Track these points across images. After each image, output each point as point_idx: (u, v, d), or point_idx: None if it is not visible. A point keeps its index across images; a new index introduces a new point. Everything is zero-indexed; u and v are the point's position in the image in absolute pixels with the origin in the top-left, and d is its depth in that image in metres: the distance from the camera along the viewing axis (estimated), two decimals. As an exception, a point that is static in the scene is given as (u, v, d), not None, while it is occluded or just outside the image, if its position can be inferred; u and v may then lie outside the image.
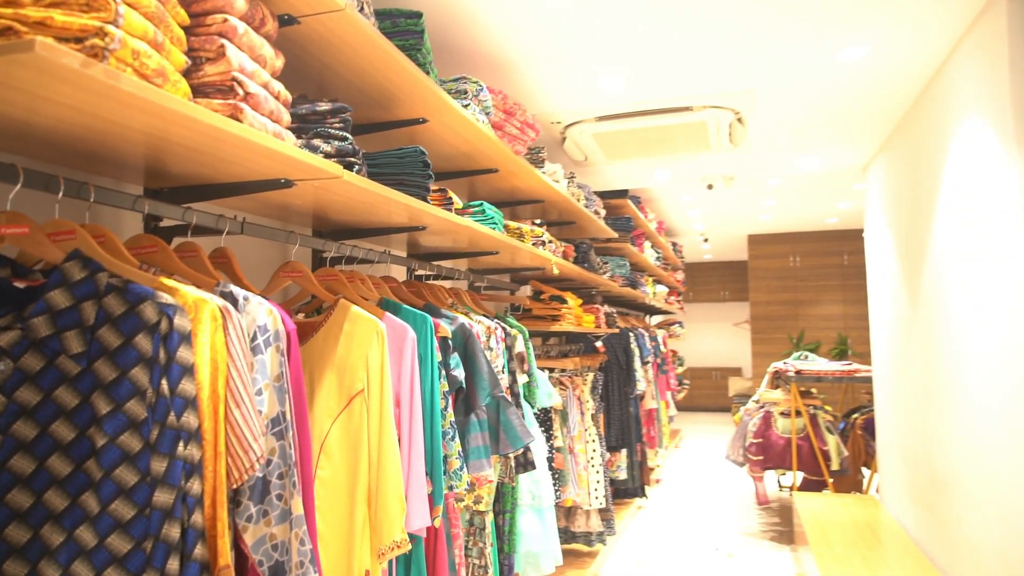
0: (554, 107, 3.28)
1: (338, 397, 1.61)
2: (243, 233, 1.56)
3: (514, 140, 2.58)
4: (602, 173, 4.51)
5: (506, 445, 2.07)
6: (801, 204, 7.37)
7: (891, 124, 3.62)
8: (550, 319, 3.39)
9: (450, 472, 1.88)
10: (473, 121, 2.19)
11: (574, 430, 3.67)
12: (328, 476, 1.58)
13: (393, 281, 2.18)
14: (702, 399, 11.98)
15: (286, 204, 1.80)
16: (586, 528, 4.01)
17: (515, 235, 2.79)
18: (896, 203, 3.70)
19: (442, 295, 2.41)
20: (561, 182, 3.28)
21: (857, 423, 4.85)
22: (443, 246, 2.76)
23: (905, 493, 3.71)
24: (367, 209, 1.89)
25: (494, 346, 2.29)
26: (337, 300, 1.65)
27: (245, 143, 1.20)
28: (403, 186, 1.85)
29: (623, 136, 3.57)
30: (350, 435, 1.59)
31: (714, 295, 12.13)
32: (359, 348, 1.61)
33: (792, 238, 9.54)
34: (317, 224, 2.20)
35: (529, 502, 2.67)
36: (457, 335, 2.08)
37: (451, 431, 1.89)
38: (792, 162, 4.35)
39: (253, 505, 1.17)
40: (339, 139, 1.52)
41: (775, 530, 4.89)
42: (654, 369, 6.12)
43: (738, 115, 3.33)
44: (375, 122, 2.20)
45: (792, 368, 4.93)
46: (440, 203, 2.11)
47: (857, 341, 9.16)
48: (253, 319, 1.22)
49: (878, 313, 4.24)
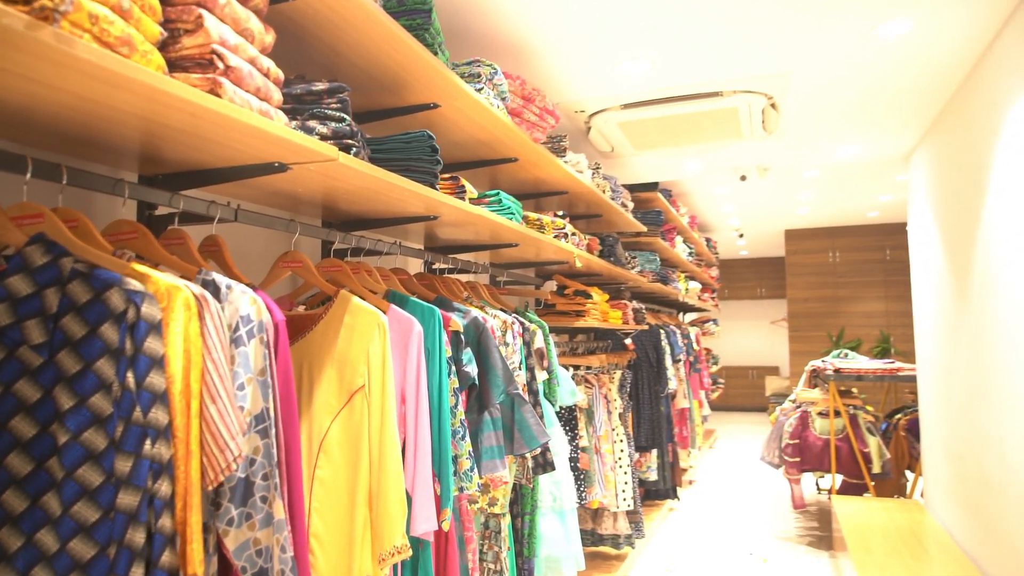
0: (577, 95, 3.16)
1: (338, 393, 1.53)
2: (237, 220, 1.49)
3: (533, 127, 2.48)
4: (630, 165, 4.37)
5: (521, 445, 1.97)
6: (840, 197, 7.11)
7: (937, 107, 3.42)
8: (574, 315, 3.28)
9: (460, 473, 1.79)
10: (487, 106, 2.09)
11: (600, 429, 3.56)
12: (328, 476, 1.50)
13: (404, 273, 2.09)
14: (738, 398, 11.73)
15: (292, 193, 1.73)
16: (613, 531, 3.88)
17: (535, 226, 2.69)
18: (942, 193, 3.50)
19: (457, 288, 2.32)
20: (585, 173, 3.17)
21: (900, 424, 4.63)
22: (461, 238, 2.67)
23: (952, 498, 3.50)
24: (375, 197, 1.80)
25: (510, 341, 2.19)
26: (337, 292, 1.57)
27: (225, 120, 1.12)
28: (410, 172, 1.76)
29: (650, 125, 3.44)
30: (351, 433, 1.51)
31: (750, 292, 11.85)
32: (360, 342, 1.53)
33: (831, 233, 9.24)
34: (327, 215, 2.13)
35: (550, 504, 2.56)
36: (469, 329, 1.99)
37: (461, 430, 1.79)
38: (830, 151, 4.15)
39: (235, 508, 1.09)
40: (336, 120, 1.44)
41: (812, 535, 4.70)
42: (686, 367, 5.95)
43: (771, 100, 3.17)
44: (385, 108, 2.12)
45: (831, 366, 4.73)
46: (452, 191, 2.02)
47: (900, 339, 8.83)
48: (236, 309, 1.15)
49: (923, 309, 4.03)
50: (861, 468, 4.40)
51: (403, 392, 1.65)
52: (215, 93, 1.11)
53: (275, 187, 1.64)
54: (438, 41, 1.87)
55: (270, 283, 1.64)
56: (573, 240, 3.05)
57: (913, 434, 4.53)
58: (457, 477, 1.79)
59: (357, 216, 2.12)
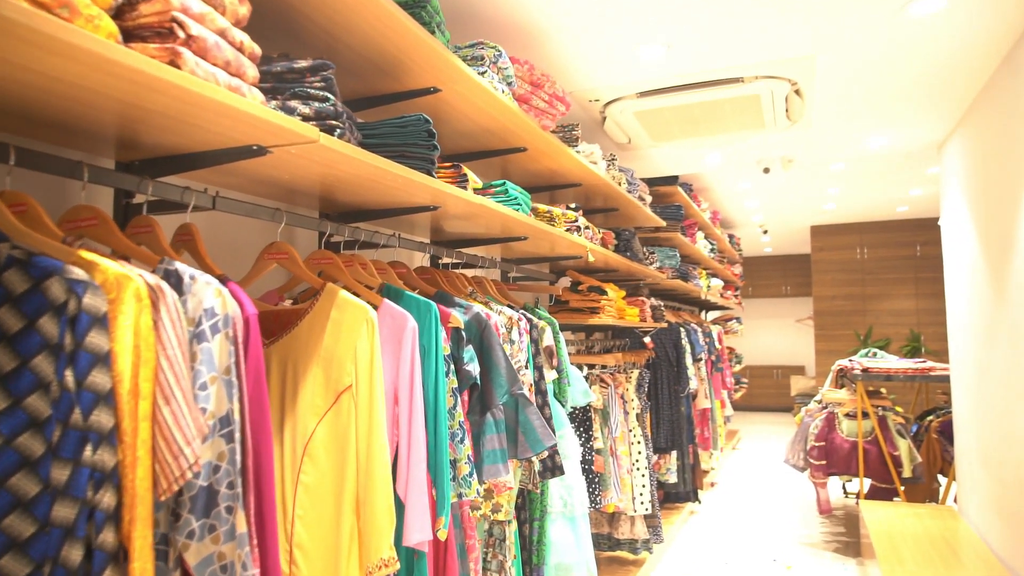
0: (591, 83, 3.04)
1: (324, 393, 1.43)
2: (215, 208, 1.39)
3: (542, 115, 2.36)
4: (648, 158, 4.24)
5: (525, 448, 1.86)
6: (868, 191, 6.89)
7: (972, 92, 3.24)
8: (588, 312, 3.16)
9: (459, 478, 1.68)
10: (491, 90, 1.98)
11: (616, 431, 3.43)
12: (313, 482, 1.40)
13: (402, 267, 1.99)
14: (762, 398, 11.50)
15: (281, 181, 1.64)
16: (631, 535, 3.76)
17: (544, 219, 2.57)
18: (978, 184, 3.32)
19: (461, 284, 2.21)
20: (599, 164, 3.04)
21: (932, 426, 4.44)
22: (469, 232, 2.57)
23: (988, 504, 3.33)
24: (371, 186, 1.71)
25: (516, 339, 2.08)
26: (324, 285, 1.47)
27: (186, 95, 1.02)
28: (405, 158, 1.66)
29: (668, 114, 3.31)
30: (337, 436, 1.41)
31: (775, 290, 11.62)
32: (347, 338, 1.43)
33: (859, 228, 8.99)
34: (324, 206, 2.03)
35: (560, 509, 2.45)
36: (471, 326, 1.88)
37: (460, 432, 1.69)
38: (858, 141, 3.98)
39: (196, 519, 0.99)
40: (319, 100, 1.34)
41: (839, 541, 4.52)
42: (708, 367, 5.80)
43: (795, 86, 3.02)
44: (385, 93, 2.02)
45: (859, 366, 4.55)
46: (453, 180, 1.91)
47: (931, 338, 8.56)
48: (199, 301, 1.05)
49: (957, 307, 3.84)
50: (891, 472, 4.22)
51: (396, 392, 1.55)
52: (174, 64, 1.01)
53: (261, 174, 1.55)
54: (436, 20, 1.77)
55: (255, 276, 1.55)
56: (587, 234, 2.93)
57: (946, 437, 4.33)
58: (456, 483, 1.68)
59: (356, 207, 2.02)
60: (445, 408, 1.63)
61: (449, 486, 1.61)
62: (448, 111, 2.18)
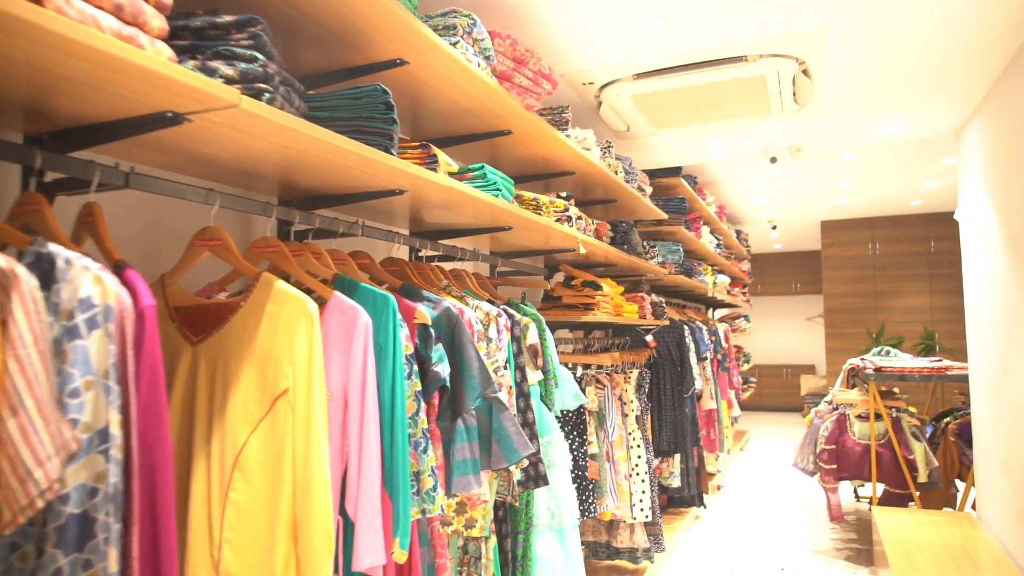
0: (583, 64, 2.84)
1: (259, 398, 1.25)
2: (128, 186, 1.22)
3: (526, 93, 2.18)
4: (649, 147, 4.04)
5: (499, 458, 1.67)
6: (881, 184, 6.66)
7: (994, 72, 3.03)
8: (582, 308, 2.97)
9: (422, 493, 1.50)
10: (464, 62, 1.80)
11: (613, 434, 3.24)
12: (244, 500, 1.23)
13: (365, 258, 1.81)
14: (772, 398, 11.27)
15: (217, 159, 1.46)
16: (630, 543, 3.56)
17: (530, 207, 2.39)
18: (999, 173, 3.10)
19: (435, 276, 2.03)
20: (593, 150, 2.85)
21: (950, 429, 4.21)
22: (450, 221, 2.38)
23: (1010, 511, 3.11)
24: (325, 167, 1.53)
25: (494, 336, 1.90)
26: (259, 276, 1.29)
27: (53, 39, 0.84)
28: (360, 134, 1.47)
29: (667, 97, 3.11)
30: (273, 447, 1.23)
31: (784, 288, 11.38)
32: (284, 335, 1.25)
33: (871, 223, 8.74)
34: (284, 191, 1.85)
35: (547, 522, 2.26)
36: (441, 322, 1.70)
37: (423, 441, 1.50)
38: (870, 128, 3.77)
39: (64, 555, 0.82)
40: (246, 60, 1.16)
41: (851, 548, 4.31)
42: (714, 366, 5.60)
43: (803, 65, 2.81)
44: (347, 67, 1.84)
45: (871, 365, 4.33)
46: (422, 162, 1.73)
47: (946, 336, 8.31)
48: (75, 290, 0.87)
49: (975, 303, 3.63)
50: (905, 477, 4.01)
51: (346, 396, 1.37)
52: (38, 2, 0.83)
53: (194, 151, 1.37)
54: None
55: (186, 265, 1.37)
56: (579, 225, 2.74)
57: (964, 440, 4.11)
58: (419, 497, 1.50)
59: (318, 192, 1.84)
60: (405, 414, 1.45)
61: (409, 502, 1.42)
62: (421, 88, 1.99)
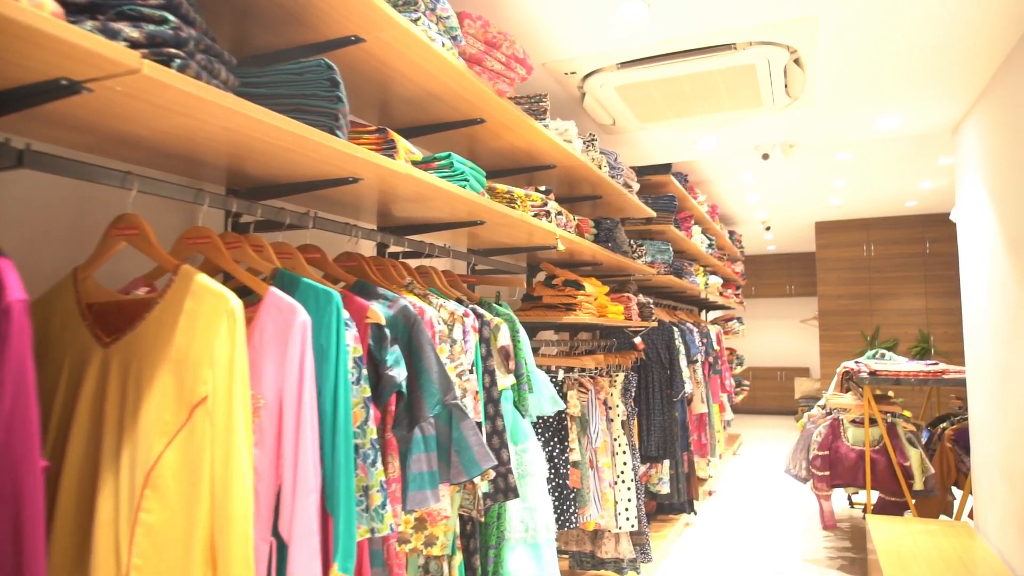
0: (565, 52, 2.71)
1: (175, 407, 1.11)
2: (23, 165, 1.07)
3: (498, 78, 2.04)
4: (637, 142, 3.90)
5: (459, 471, 1.53)
6: (876, 184, 6.54)
7: (992, 65, 2.90)
8: (563, 308, 2.83)
9: (371, 509, 1.36)
10: (425, 40, 1.66)
11: (597, 440, 3.10)
12: (157, 522, 1.08)
13: (315, 251, 1.67)
14: (766, 401, 11.16)
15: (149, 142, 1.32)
16: (615, 554, 3.42)
17: (503, 200, 2.25)
18: (998, 170, 2.98)
19: (398, 273, 1.89)
20: (575, 143, 2.72)
21: (946, 434, 4.09)
22: (421, 216, 2.24)
23: (1009, 521, 2.99)
24: (265, 150, 1.38)
25: (459, 338, 1.76)
26: (177, 268, 1.15)
27: None
28: (301, 113, 1.34)
29: (653, 88, 2.97)
30: (190, 462, 1.09)
31: (779, 290, 11.28)
32: (204, 336, 1.11)
33: (866, 224, 8.63)
34: (233, 180, 1.71)
35: (520, 535, 2.12)
36: (397, 322, 1.56)
37: (372, 453, 1.36)
38: (865, 123, 3.64)
39: None
40: (155, 21, 1.02)
41: (844, 558, 4.18)
42: (705, 369, 5.46)
43: (794, 54, 2.68)
44: (299, 45, 1.70)
45: (865, 368, 4.20)
46: (378, 148, 1.59)
47: (941, 338, 8.19)
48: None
49: (975, 304, 3.50)
50: (900, 484, 3.88)
51: (280, 404, 1.23)
52: None
53: (112, 128, 1.22)
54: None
55: (101, 257, 1.23)
56: (559, 220, 2.61)
57: (961, 446, 3.98)
58: (367, 515, 1.36)
59: (269, 181, 1.70)
60: (350, 423, 1.31)
61: (354, 520, 1.28)
62: (382, 70, 1.86)
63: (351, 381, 1.36)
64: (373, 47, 1.69)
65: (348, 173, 1.58)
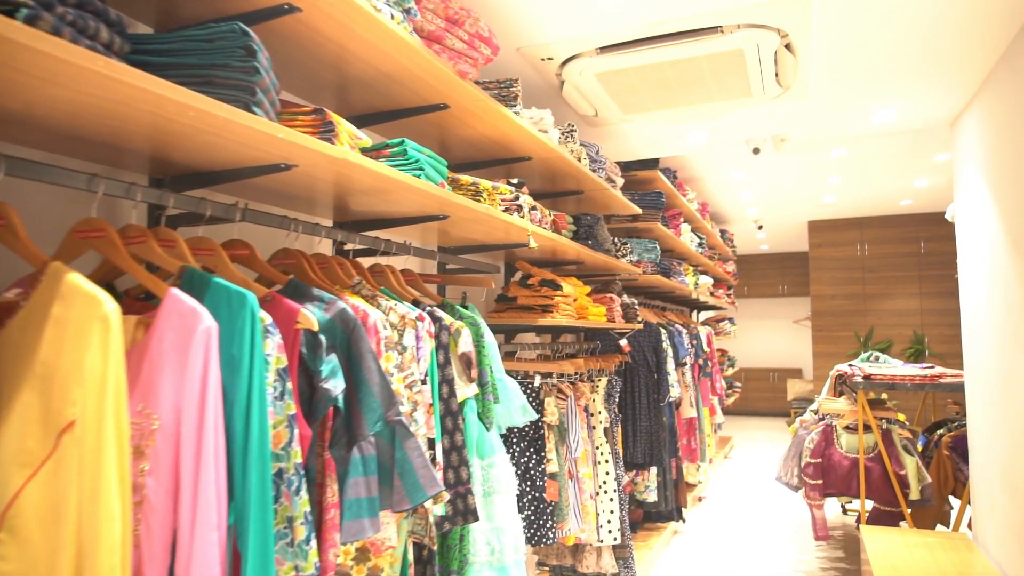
0: (541, 36, 2.53)
1: (40, 434, 0.92)
2: None
3: (459, 57, 1.86)
4: (622, 135, 3.73)
5: (401, 497, 1.35)
6: (870, 182, 6.39)
7: (994, 53, 2.74)
8: (539, 310, 2.65)
9: (296, 544, 1.18)
10: (367, 9, 1.48)
11: (577, 450, 2.93)
12: (15, 571, 0.90)
13: (243, 247, 1.48)
14: (758, 402, 11.02)
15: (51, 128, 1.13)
16: (597, 568, 3.25)
17: (468, 193, 2.06)
18: (999, 165, 2.82)
19: (345, 272, 1.70)
20: (551, 133, 2.54)
21: (944, 441, 3.92)
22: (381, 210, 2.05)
23: (1008, 532, 2.83)
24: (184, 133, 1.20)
25: (411, 344, 1.58)
26: (45, 266, 0.97)
27: None
28: (211, 86, 1.15)
29: (636, 76, 2.80)
30: (54, 500, 0.91)
31: (771, 290, 11.14)
32: (73, 347, 0.92)
33: (859, 223, 8.49)
34: (157, 168, 1.53)
35: (486, 558, 1.94)
36: (334, 327, 1.37)
37: (296, 479, 1.18)
38: (860, 115, 3.47)
39: None
40: (0, -36, 0.83)
41: (838, 568, 4.02)
42: (695, 371, 5.30)
43: (786, 38, 2.51)
44: (228, 15, 1.51)
45: (859, 372, 4.04)
46: (313, 130, 1.40)
47: (936, 340, 8.06)
48: None
49: (973, 306, 3.34)
50: (896, 494, 3.72)
51: (178, 424, 1.05)
52: None
53: None
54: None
55: (-35, 253, 1.05)
56: (533, 216, 2.43)
57: (959, 454, 3.82)
58: (291, 551, 1.18)
59: (195, 169, 1.52)
60: (267, 446, 1.12)
61: (271, 558, 1.10)
62: (329, 47, 1.67)
63: (273, 396, 1.18)
64: (312, 18, 1.51)
65: (279, 159, 1.39)
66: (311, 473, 1.37)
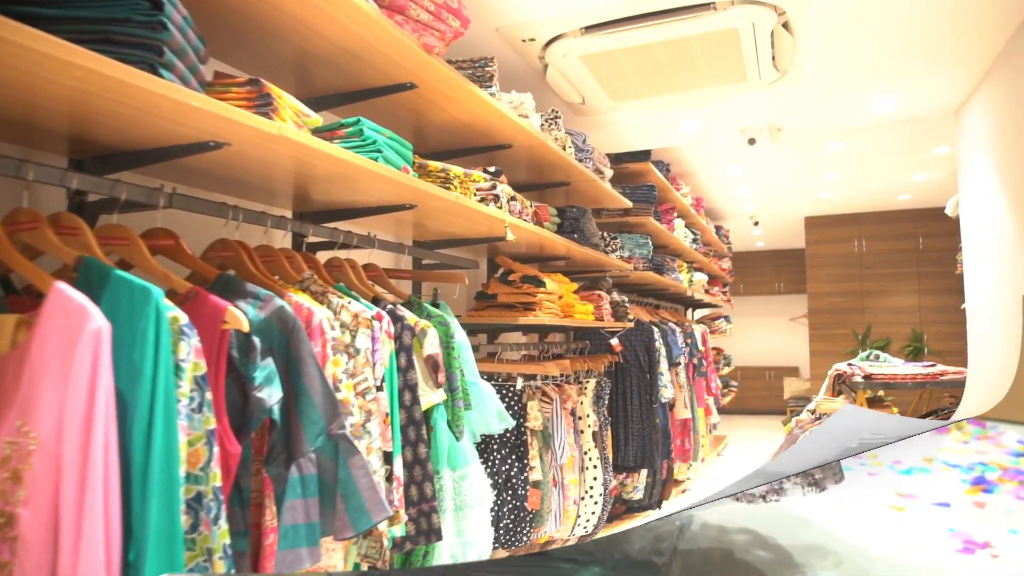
0: (521, 14, 2.36)
1: None
2: None
3: (424, 30, 1.68)
4: (611, 125, 3.56)
5: (345, 523, 1.18)
6: (868, 176, 6.23)
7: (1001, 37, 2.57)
8: (521, 308, 2.48)
9: (214, 581, 1.01)
10: (314, -31, 1.31)
11: (563, 456, 2.76)
12: None
13: (167, 237, 1.31)
14: (754, 401, 10.86)
15: None
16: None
17: (437, 180, 1.89)
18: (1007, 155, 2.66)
19: (294, 266, 1.53)
20: (532, 118, 2.37)
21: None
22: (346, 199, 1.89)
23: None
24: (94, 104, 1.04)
25: (364, 346, 1.41)
26: None
27: None
28: (110, 44, 0.98)
29: (625, 58, 2.63)
30: None
31: (767, 287, 10.99)
32: (-89, 353, 0.75)
33: (857, 219, 8.33)
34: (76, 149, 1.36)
35: None
36: (271, 327, 1.20)
37: (215, 505, 1.01)
38: (859, 103, 3.31)
39: None
40: None
41: None
42: (689, 371, 5.14)
43: (783, 16, 2.34)
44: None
45: (859, 372, 3.88)
46: (248, 104, 1.23)
47: (934, 337, 7.91)
48: None
49: (978, 301, 3.18)
50: (897, 498, 3.55)
51: (58, 444, 0.88)
52: None
53: None
54: None
55: None
56: (512, 207, 2.26)
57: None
58: (209, 588, 1.01)
59: (119, 149, 1.35)
60: (176, 467, 0.95)
61: (181, 601, 0.93)
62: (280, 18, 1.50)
63: (189, 409, 1.01)
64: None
65: (209, 135, 1.22)
66: (245, 493, 1.20)
